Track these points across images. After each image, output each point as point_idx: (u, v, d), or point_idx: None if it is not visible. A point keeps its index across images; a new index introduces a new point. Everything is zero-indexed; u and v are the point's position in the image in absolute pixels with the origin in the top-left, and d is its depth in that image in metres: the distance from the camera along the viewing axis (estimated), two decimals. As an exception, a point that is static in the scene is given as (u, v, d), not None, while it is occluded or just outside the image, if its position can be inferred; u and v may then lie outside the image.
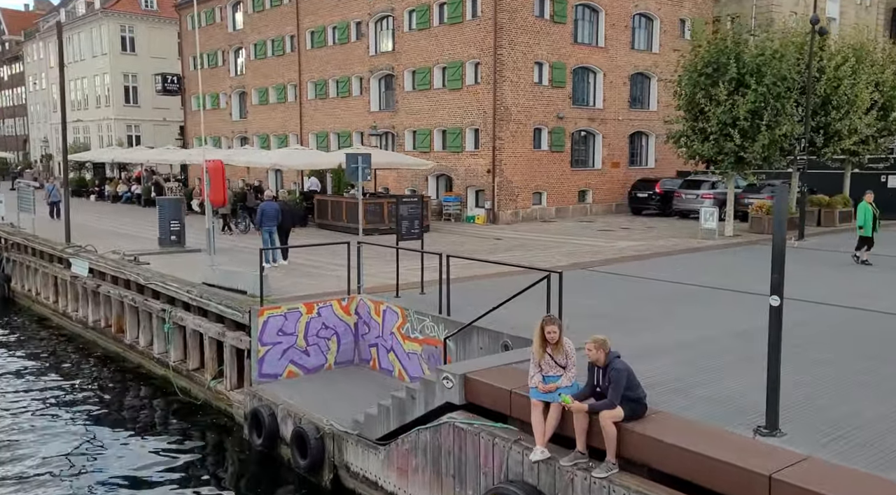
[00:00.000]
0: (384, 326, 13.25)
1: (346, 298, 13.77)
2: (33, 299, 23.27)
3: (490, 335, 11.08)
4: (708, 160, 24.15)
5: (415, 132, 34.28)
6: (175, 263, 18.78)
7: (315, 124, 40.11)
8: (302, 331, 13.21)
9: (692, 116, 24.26)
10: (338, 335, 13.68)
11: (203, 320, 14.43)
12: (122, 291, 17.53)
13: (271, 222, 18.40)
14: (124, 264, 18.08)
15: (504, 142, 30.40)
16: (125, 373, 17.25)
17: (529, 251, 21.65)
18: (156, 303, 16.04)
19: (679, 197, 31.38)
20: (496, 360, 9.52)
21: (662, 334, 11.02)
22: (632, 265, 18.37)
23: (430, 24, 32.71)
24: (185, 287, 15.13)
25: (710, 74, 23.19)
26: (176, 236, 20.97)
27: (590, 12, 33.06)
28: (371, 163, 14.46)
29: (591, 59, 32.98)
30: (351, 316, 13.82)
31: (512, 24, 29.89)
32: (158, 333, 16.11)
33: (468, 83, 31.34)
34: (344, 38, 37.35)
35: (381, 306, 13.34)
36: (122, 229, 27.89)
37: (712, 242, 22.99)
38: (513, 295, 10.32)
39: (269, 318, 12.82)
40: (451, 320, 11.84)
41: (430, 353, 12.21)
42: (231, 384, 13.79)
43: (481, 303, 13.06)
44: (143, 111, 61.12)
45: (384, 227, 27.15)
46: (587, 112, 33.33)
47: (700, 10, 37.11)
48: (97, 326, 19.06)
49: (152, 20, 60.78)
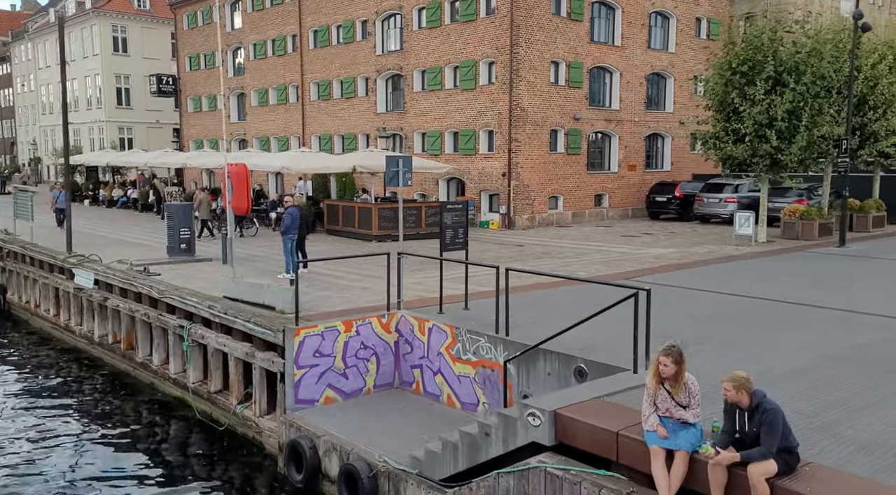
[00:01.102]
0: (430, 346, 12.06)
1: (385, 315, 12.57)
2: (32, 312, 21.91)
3: (560, 359, 9.92)
4: (741, 163, 23.07)
5: (424, 134, 33.11)
6: (188, 274, 17.54)
7: (318, 126, 38.87)
8: (340, 351, 12.01)
9: (724, 117, 23.22)
10: (377, 355, 12.48)
11: (227, 339, 13.20)
12: (132, 305, 16.25)
13: (295, 230, 17.18)
14: (133, 275, 16.81)
15: (520, 144, 29.27)
16: (137, 393, 15.97)
17: (560, 259, 20.51)
18: (172, 318, 14.79)
19: (700, 201, 30.33)
20: (584, 392, 8.34)
21: (762, 358, 9.81)
22: (678, 275, 17.23)
23: (440, 22, 31.56)
24: (205, 301, 13.89)
25: (745, 73, 22.15)
26: (186, 245, 19.71)
27: (606, 10, 32.01)
28: (412, 167, 13.27)
29: (608, 59, 31.91)
30: (391, 334, 12.63)
31: (529, 21, 28.78)
32: (175, 351, 14.85)
33: (482, 83, 30.20)
34: (349, 38, 36.14)
35: (425, 324, 12.15)
36: (122, 236, 26.56)
37: (749, 249, 21.92)
38: (592, 313, 9.14)
39: (306, 338, 11.61)
40: (510, 341, 10.67)
41: (486, 377, 11.04)
42: (260, 410, 12.56)
43: (537, 320, 11.96)
44: (136, 113, 59.68)
45: (397, 234, 25.92)
46: (604, 113, 32.26)
47: (716, 9, 36.17)
48: (104, 342, 17.77)
49: (145, 20, 59.36)
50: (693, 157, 36.45)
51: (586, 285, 14.41)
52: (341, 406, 11.93)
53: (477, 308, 13.16)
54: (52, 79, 67.02)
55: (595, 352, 10.02)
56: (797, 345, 10.63)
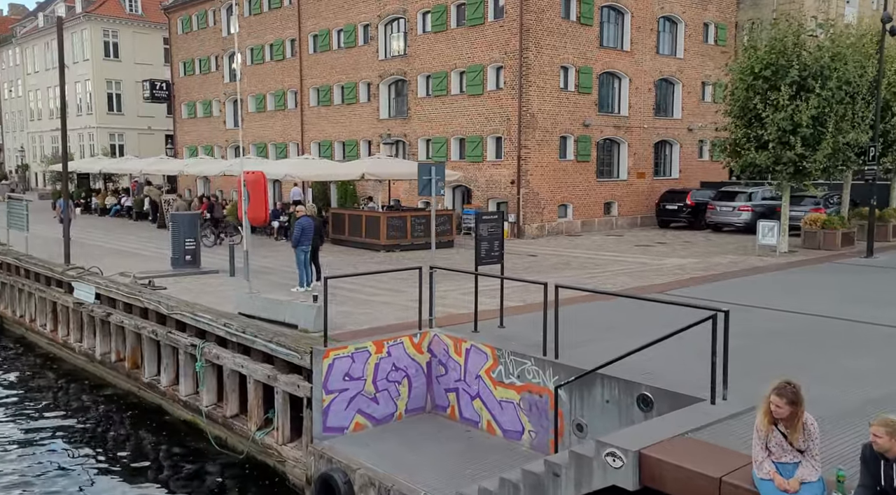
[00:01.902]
0: (467, 368, 11.21)
1: (417, 334, 11.71)
2: (27, 327, 20.87)
3: (620, 385, 9.09)
4: (763, 170, 22.36)
5: (429, 140, 32.31)
6: (196, 288, 16.61)
7: (318, 133, 37.98)
8: (371, 374, 11.13)
9: (745, 123, 22.52)
10: (409, 378, 11.61)
11: (246, 359, 12.30)
12: (138, 321, 15.30)
13: (308, 241, 16.31)
14: (139, 290, 15.88)
15: (530, 151, 28.51)
16: (143, 416, 15.01)
17: (580, 270, 19.71)
18: (183, 336, 13.86)
19: (713, 209, 29.64)
20: (664, 428, 7.50)
21: (848, 387, 8.98)
22: (710, 288, 16.45)
23: (446, 26, 30.79)
24: (219, 319, 12.98)
25: (769, 77, 21.47)
26: (191, 256, 18.77)
27: (615, 14, 31.35)
28: (445, 175, 12.43)
29: (618, 64, 31.23)
30: (423, 354, 11.77)
31: (539, 25, 28.05)
32: (186, 371, 13.92)
33: (490, 88, 29.44)
34: (351, 42, 35.31)
35: (462, 344, 11.29)
36: (118, 246, 25.58)
37: (774, 260, 21.20)
38: (665, 335, 8.32)
39: (335, 360, 10.73)
40: (561, 364, 9.83)
41: (533, 403, 10.19)
42: (283, 437, 11.66)
43: (584, 339, 11.14)
44: (127, 119, 58.61)
45: (406, 243, 25.15)
46: (613, 119, 31.56)
47: (723, 15, 35.61)
48: (106, 360, 16.79)
49: (137, 25, 58.35)
50: (701, 165, 35.86)
51: (622, 300, 13.66)
52: (372, 433, 11.05)
53: (513, 326, 12.35)
54: (40, 84, 65.84)
55: (656, 375, 9.22)
56: (879, 370, 9.82)
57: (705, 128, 35.27)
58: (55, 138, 63.78)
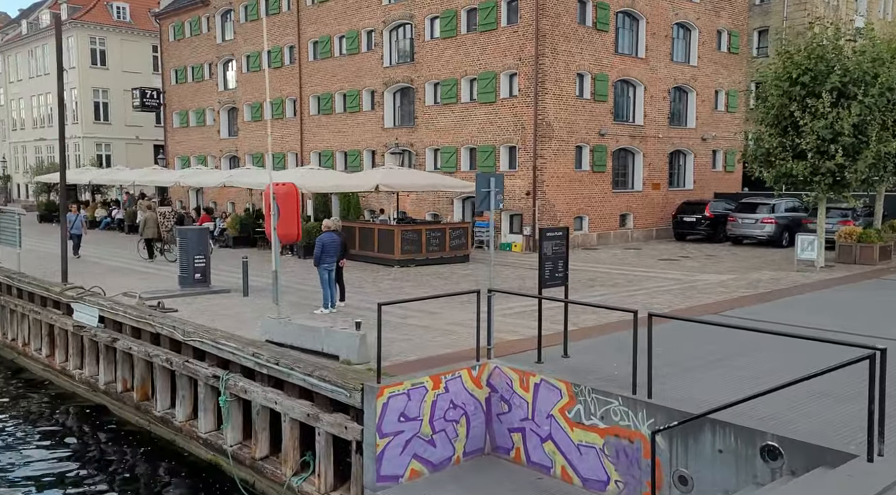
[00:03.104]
0: (536, 406, 9.92)
1: (476, 366, 10.42)
2: (19, 351, 19.34)
3: (737, 433, 7.83)
4: (799, 181, 21.30)
5: (437, 150, 31.08)
6: (210, 310, 15.23)
7: (318, 142, 36.66)
8: (427, 413, 9.83)
9: (779, 131, 21.47)
10: (467, 416, 10.31)
11: (279, 394, 10.94)
12: (149, 348, 13.89)
13: (332, 258, 15.01)
14: (147, 312, 14.47)
15: (546, 161, 27.34)
16: (155, 453, 13.57)
17: (613, 287, 18.49)
18: (202, 365, 12.48)
19: (734, 221, 28.58)
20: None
21: None
22: (768, 309, 15.29)
23: (456, 32, 29.63)
24: (246, 348, 11.62)
25: (807, 83, 20.44)
26: (201, 274, 17.37)
27: (630, 20, 30.31)
28: (502, 186, 11.16)
29: (633, 72, 30.19)
30: (482, 389, 10.47)
31: (555, 30, 26.95)
32: (206, 405, 12.53)
33: (503, 96, 28.28)
34: (353, 49, 34.07)
35: (530, 378, 10.01)
36: (113, 262, 24.09)
37: (817, 275, 20.13)
38: (806, 376, 7.08)
39: (390, 399, 9.42)
40: (657, 405, 8.58)
41: (620, 449, 8.93)
42: (326, 485, 10.31)
43: (668, 371, 9.91)
44: (115, 129, 56.96)
45: (421, 258, 23.87)
46: (628, 128, 30.50)
47: (736, 22, 34.70)
48: (111, 390, 15.32)
49: (125, 32, 56.79)
50: (715, 175, 34.89)
51: (687, 324, 12.44)
52: (430, 481, 9.73)
53: (578, 355, 11.10)
54: (23, 93, 64.07)
55: (777, 420, 8.00)
56: None
57: (719, 138, 34.41)
58: (39, 148, 62.02)
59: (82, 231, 25.25)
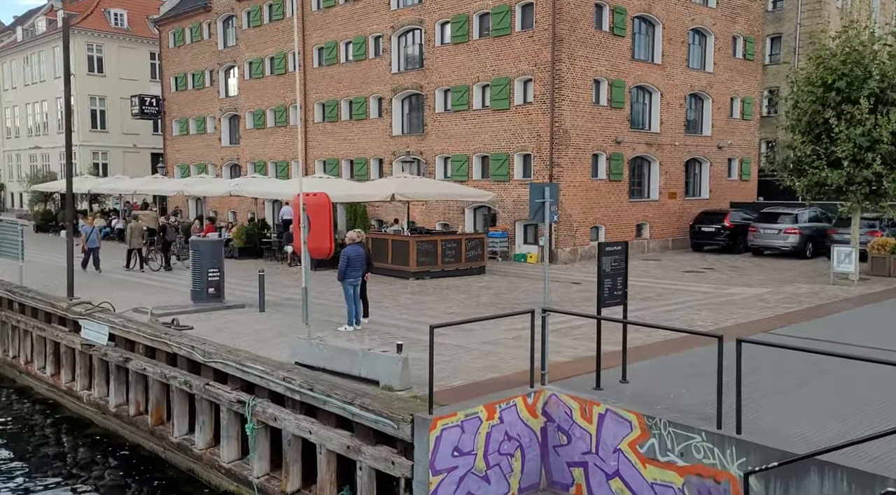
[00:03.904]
0: (600, 438, 9.05)
1: (531, 393, 9.55)
2: (21, 370, 18.36)
3: (850, 476, 6.95)
4: (833, 190, 20.56)
5: (448, 158, 30.24)
6: (227, 327, 14.32)
7: (323, 150, 35.77)
8: (482, 446, 8.95)
9: (811, 139, 20.73)
10: (522, 448, 9.43)
11: (313, 423, 10.04)
12: (164, 369, 12.96)
13: (357, 272, 14.14)
14: (161, 330, 13.56)
15: (562, 169, 26.53)
16: (172, 483, 12.61)
17: (645, 302, 17.60)
18: (225, 389, 11.57)
19: (755, 231, 27.82)
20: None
21: None
22: (819, 327, 14.44)
23: (468, 37, 28.83)
24: (275, 371, 10.72)
25: (843, 89, 19.71)
26: (215, 289, 16.45)
27: (646, 26, 29.59)
28: (557, 196, 10.30)
29: (649, 78, 29.45)
30: (537, 418, 9.60)
31: (572, 35, 26.18)
32: (229, 433, 11.61)
33: (517, 103, 27.47)
34: (360, 55, 33.25)
35: (593, 408, 9.13)
36: (120, 275, 23.15)
37: (856, 289, 19.35)
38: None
39: (444, 431, 8.55)
40: (750, 442, 7.70)
41: (705, 490, 8.04)
42: (368, 524, 9.42)
43: (749, 399, 9.05)
44: (112, 137, 55.92)
45: (436, 270, 23.01)
46: (645, 136, 29.73)
47: (751, 28, 34.04)
48: (122, 413, 14.37)
49: (123, 39, 55.82)
50: (731, 184, 34.16)
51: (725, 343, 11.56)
52: (484, 521, 8.85)
53: (638, 380, 10.24)
54: (17, 100, 63.04)
55: (887, 461, 7.15)
56: None
57: (735, 146, 33.71)
58: (34, 157, 60.98)
59: (98, 244, 24.06)
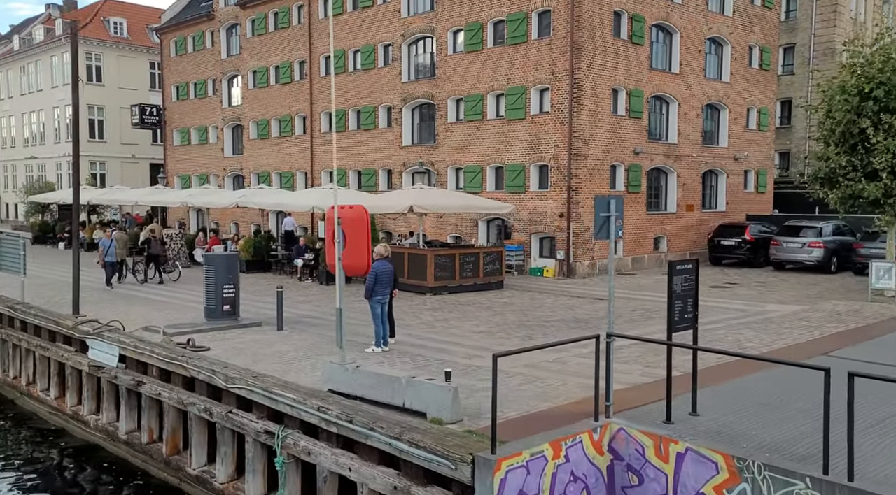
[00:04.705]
0: (679, 480, 8.17)
1: (597, 428, 8.68)
2: (23, 391, 17.37)
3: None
4: (870, 203, 19.83)
5: (460, 169, 29.44)
6: (247, 348, 13.43)
7: (330, 161, 34.86)
8: (547, 489, 8.07)
9: (847, 149, 20.00)
10: (588, 490, 8.55)
11: (353, 459, 9.14)
12: (182, 394, 12.04)
13: (386, 290, 13.29)
14: (177, 351, 12.64)
15: (581, 180, 25.74)
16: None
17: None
18: (250, 418, 10.66)
19: (777, 245, 27.05)
20: None
21: None
22: (881, 350, 13.64)
23: (482, 46, 28.09)
24: (308, 399, 9.82)
25: (880, 98, 19.00)
26: (230, 306, 15.56)
27: (664, 34, 28.90)
28: (622, 210, 9.48)
29: (667, 88, 28.74)
30: (603, 456, 8.73)
31: (591, 43, 25.45)
32: (254, 466, 10.69)
33: (533, 112, 26.71)
34: (369, 63, 32.49)
35: (670, 445, 8.26)
36: (124, 289, 22.23)
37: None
38: None
39: (509, 473, 7.67)
40: (865, 491, 6.83)
41: (806, 540, 7.18)
42: (419, 574, 8.50)
43: (835, 436, 8.17)
44: (110, 147, 54.97)
45: (454, 285, 22.17)
46: (663, 147, 28.98)
47: (767, 38, 33.40)
48: (134, 441, 13.42)
49: (122, 48, 54.97)
50: (747, 197, 33.42)
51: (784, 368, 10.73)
52: (551, 571, 7.96)
53: (710, 411, 9.37)
54: (14, 110, 62.11)
55: None
56: None
57: (751, 158, 33.01)
58: (30, 167, 60.00)
59: (116, 257, 23.00)
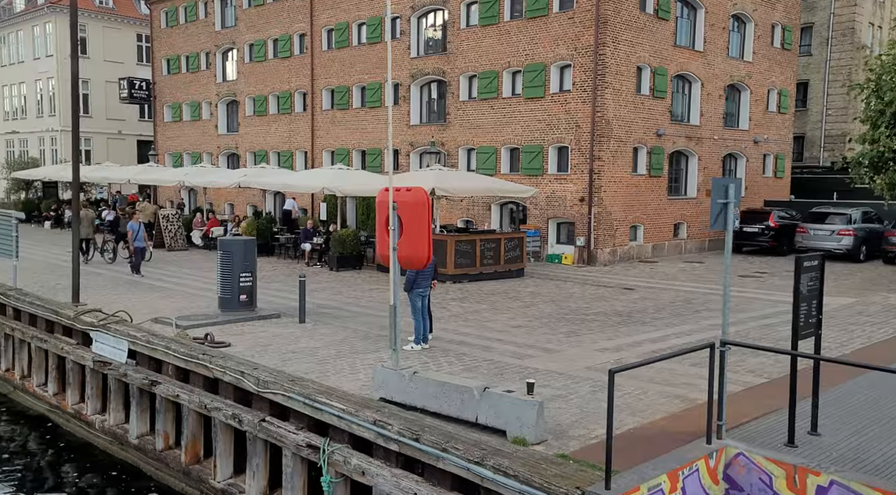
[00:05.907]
0: (816, 513, 6.98)
1: (713, 453, 7.44)
2: (16, 385, 15.92)
3: None
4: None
5: (472, 150, 28.09)
6: (272, 344, 12.09)
7: (332, 140, 33.42)
8: (663, 526, 6.85)
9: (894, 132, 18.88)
10: (702, 522, 7.34)
11: (420, 483, 7.86)
12: (204, 398, 10.68)
13: (427, 282, 12.00)
14: (197, 348, 11.26)
15: (603, 163, 24.46)
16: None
17: (718, 311, 15.60)
18: (287, 428, 9.34)
19: (804, 233, 25.99)
20: None
21: None
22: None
23: (498, 19, 26.65)
24: (359, 409, 8.51)
25: (937, 79, 17.88)
26: (248, 296, 14.19)
27: (688, 10, 27.57)
28: (739, 196, 8.23)
29: (691, 66, 27.46)
30: (718, 484, 7.50)
31: (617, 17, 24.10)
32: (293, 482, 9.38)
33: (552, 90, 25.35)
34: (375, 37, 30.96)
35: (807, 476, 7.04)
36: (119, 273, 20.75)
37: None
38: None
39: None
40: None
41: None
42: None
43: None
44: (95, 122, 52.84)
45: (474, 273, 20.91)
46: (685, 129, 27.75)
47: (789, 16, 32.18)
48: (147, 446, 12.05)
49: (108, 19, 52.79)
50: (765, 182, 32.32)
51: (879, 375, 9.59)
52: None
53: (830, 430, 8.17)
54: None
55: None
56: None
57: (771, 141, 31.88)
58: (10, 142, 57.90)
59: (145, 243, 21.22)
